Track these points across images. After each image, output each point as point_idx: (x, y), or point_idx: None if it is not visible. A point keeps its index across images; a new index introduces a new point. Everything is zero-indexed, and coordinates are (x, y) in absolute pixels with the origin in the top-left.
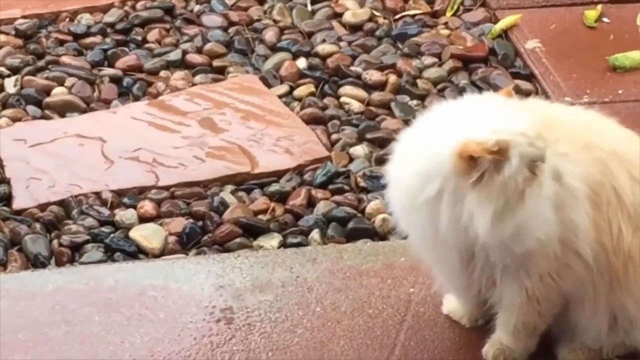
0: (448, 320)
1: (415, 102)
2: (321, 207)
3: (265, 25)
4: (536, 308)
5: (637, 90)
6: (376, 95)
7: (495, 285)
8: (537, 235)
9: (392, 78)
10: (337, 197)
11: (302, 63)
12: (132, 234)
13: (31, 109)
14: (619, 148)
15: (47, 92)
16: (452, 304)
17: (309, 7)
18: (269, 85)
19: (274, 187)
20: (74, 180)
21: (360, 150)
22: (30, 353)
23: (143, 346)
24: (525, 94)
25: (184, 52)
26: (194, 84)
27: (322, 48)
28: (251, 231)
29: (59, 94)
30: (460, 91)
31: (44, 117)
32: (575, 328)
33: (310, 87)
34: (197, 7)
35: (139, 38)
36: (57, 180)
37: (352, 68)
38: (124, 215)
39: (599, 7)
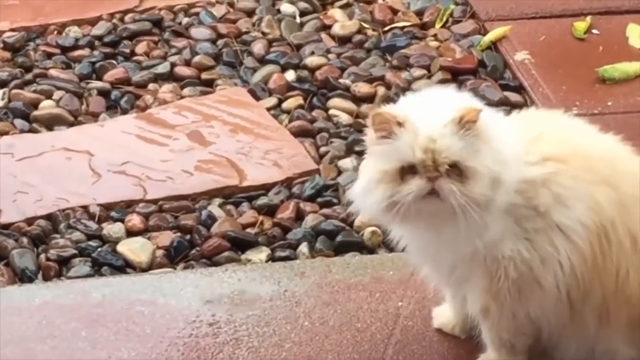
0: (437, 334)
1: None
2: (309, 220)
3: (253, 37)
4: (503, 324)
5: (626, 102)
6: (365, 108)
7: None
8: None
9: (381, 90)
10: (325, 210)
11: (290, 75)
12: (120, 247)
13: (19, 122)
14: None
15: (35, 105)
16: (442, 317)
17: (298, 20)
18: (257, 98)
19: (262, 201)
20: (61, 194)
21: (348, 163)
22: None
23: None
24: (514, 105)
25: (173, 65)
26: (182, 97)
27: (311, 60)
28: (239, 245)
29: (46, 107)
30: None
31: (32, 130)
32: (565, 348)
33: (299, 100)
34: (185, 20)
35: (127, 51)
36: (44, 194)
37: (341, 80)
38: (112, 229)
39: (588, 18)
